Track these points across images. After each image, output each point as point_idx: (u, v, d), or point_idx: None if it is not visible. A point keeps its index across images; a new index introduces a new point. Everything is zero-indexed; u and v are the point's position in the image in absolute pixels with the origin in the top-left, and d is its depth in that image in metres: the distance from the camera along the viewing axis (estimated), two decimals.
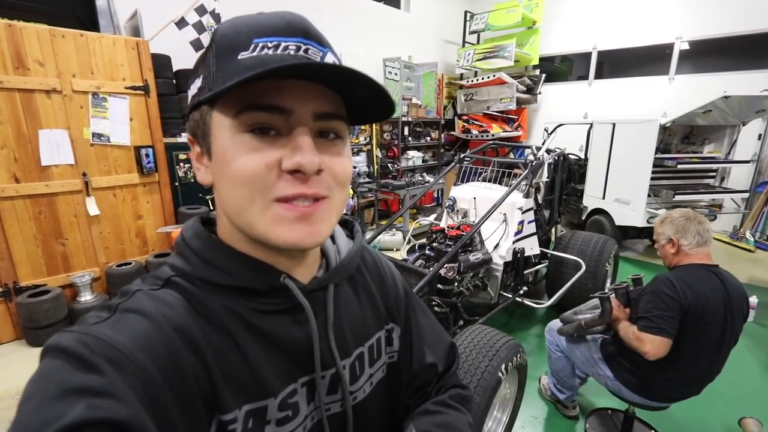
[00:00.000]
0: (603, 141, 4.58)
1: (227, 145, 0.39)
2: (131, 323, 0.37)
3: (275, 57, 0.37)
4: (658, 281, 1.57)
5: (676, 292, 1.49)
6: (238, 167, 0.38)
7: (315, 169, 0.39)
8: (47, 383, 0.31)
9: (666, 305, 1.48)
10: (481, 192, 3.05)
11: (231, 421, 0.39)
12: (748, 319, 1.63)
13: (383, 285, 0.60)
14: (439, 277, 2.34)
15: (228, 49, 0.38)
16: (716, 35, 5.37)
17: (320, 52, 0.40)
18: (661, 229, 1.67)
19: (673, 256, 1.64)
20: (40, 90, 2.69)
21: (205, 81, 0.40)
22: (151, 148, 3.25)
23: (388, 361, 0.57)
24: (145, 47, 3.12)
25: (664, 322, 1.47)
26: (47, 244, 2.86)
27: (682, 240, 1.59)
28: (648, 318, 1.50)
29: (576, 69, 6.94)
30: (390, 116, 0.44)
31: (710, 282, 1.53)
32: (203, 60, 0.41)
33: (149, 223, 3.38)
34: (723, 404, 2.22)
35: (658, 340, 1.47)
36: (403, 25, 6.35)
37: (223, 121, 0.39)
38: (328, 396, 0.48)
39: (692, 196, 4.18)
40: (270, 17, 0.39)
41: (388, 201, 5.75)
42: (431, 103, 6.41)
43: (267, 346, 0.43)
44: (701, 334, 1.50)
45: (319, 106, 0.40)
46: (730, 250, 5.03)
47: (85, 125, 2.91)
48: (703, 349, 1.53)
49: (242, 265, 0.43)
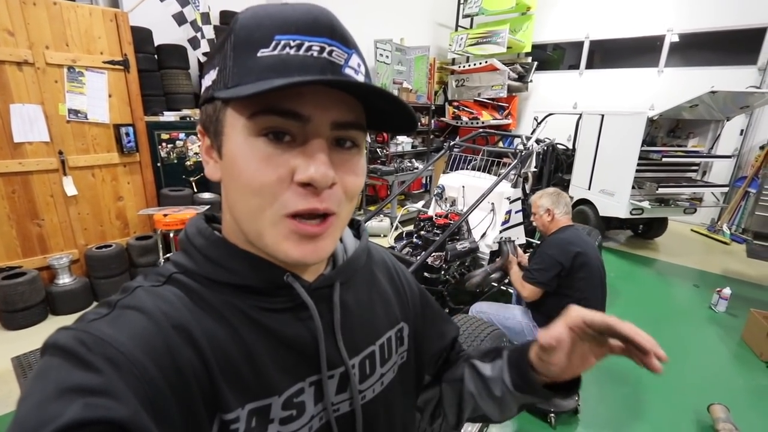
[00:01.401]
0: (591, 132, 4.61)
1: (240, 148, 0.38)
2: (130, 320, 0.36)
3: (297, 59, 0.36)
4: (545, 244, 2.05)
5: (558, 253, 1.94)
6: (250, 177, 0.37)
7: (328, 183, 0.38)
8: (45, 382, 0.31)
9: (545, 263, 1.96)
10: (470, 181, 3.04)
11: (233, 421, 0.39)
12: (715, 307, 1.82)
13: (394, 284, 0.60)
14: (425, 265, 2.35)
15: (247, 43, 0.36)
16: (706, 29, 5.40)
17: (345, 54, 0.38)
18: (540, 202, 2.11)
19: (549, 224, 2.09)
20: (11, 62, 2.53)
21: (221, 75, 0.38)
22: (132, 127, 3.12)
23: (400, 362, 0.57)
24: (124, 19, 2.97)
25: (540, 275, 1.97)
26: (22, 224, 2.76)
27: (555, 209, 2.07)
28: (530, 270, 2.03)
29: (568, 58, 6.93)
30: (412, 132, 0.43)
31: (579, 235, 2.05)
32: (220, 50, 0.39)
33: (130, 204, 3.28)
34: (693, 391, 2.32)
35: (531, 288, 2.01)
36: (396, 6, 6.19)
37: (237, 120, 0.37)
38: (338, 395, 0.48)
39: (675, 189, 4.28)
40: (295, 11, 0.37)
41: (376, 186, 5.72)
42: (422, 88, 6.33)
43: (272, 344, 0.43)
44: (595, 271, 1.96)
45: (338, 114, 0.38)
46: (707, 242, 5.20)
47: (60, 101, 2.77)
48: (599, 284, 1.99)
49: (246, 264, 0.43)
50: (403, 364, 0.58)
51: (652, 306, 3.43)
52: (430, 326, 0.64)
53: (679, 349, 2.78)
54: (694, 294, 3.67)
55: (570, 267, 1.93)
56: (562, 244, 1.97)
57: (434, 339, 0.64)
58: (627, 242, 5.04)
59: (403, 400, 0.58)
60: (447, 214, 2.84)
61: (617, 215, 4.28)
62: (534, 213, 2.16)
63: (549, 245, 2.02)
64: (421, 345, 0.61)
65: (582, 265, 1.93)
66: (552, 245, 2.00)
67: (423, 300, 0.65)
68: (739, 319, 3.08)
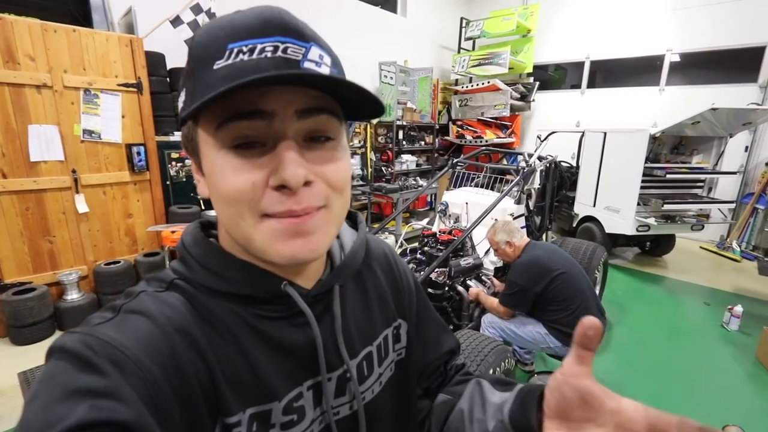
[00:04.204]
0: (594, 149, 4.63)
1: (214, 163, 0.38)
2: (134, 324, 0.37)
3: (251, 63, 0.35)
4: (513, 271, 2.18)
5: (526, 280, 2.08)
6: (225, 186, 0.38)
7: (300, 182, 0.37)
8: (51, 385, 0.31)
9: (515, 291, 2.13)
10: (474, 197, 3.07)
11: (235, 424, 0.39)
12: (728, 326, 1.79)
13: (394, 279, 0.59)
14: (429, 282, 2.35)
15: (204, 59, 0.36)
16: (706, 48, 5.48)
17: (301, 49, 0.37)
18: (497, 238, 2.25)
19: (512, 252, 2.22)
20: (31, 85, 2.65)
21: (188, 95, 0.38)
22: (143, 146, 3.22)
23: (397, 359, 0.56)
24: (139, 44, 3.10)
25: (510, 299, 2.16)
26: (34, 241, 2.82)
27: (513, 238, 2.22)
28: (504, 295, 2.19)
29: (569, 78, 7.03)
30: (380, 115, 0.42)
31: (539, 250, 2.19)
32: (184, 69, 0.40)
33: (139, 221, 3.34)
34: (707, 412, 2.25)
35: (505, 310, 2.20)
36: (400, 30, 6.39)
37: (208, 137, 0.38)
38: (336, 399, 0.48)
39: (680, 205, 4.25)
40: (245, 16, 0.37)
41: (381, 204, 5.75)
42: (426, 108, 6.44)
43: (271, 349, 0.43)
44: (573, 280, 2.07)
45: (301, 102, 0.37)
46: (716, 259, 5.11)
47: (75, 121, 2.87)
48: (584, 286, 2.11)
49: (243, 273, 0.43)
50: (400, 361, 0.57)
51: (662, 324, 3.36)
52: (423, 331, 0.62)
53: (692, 369, 2.71)
54: (705, 312, 3.59)
55: (542, 288, 2.06)
56: (528, 268, 2.11)
57: (429, 346, 0.62)
58: (635, 260, 4.97)
59: (402, 397, 0.57)
60: (451, 230, 2.85)
61: (623, 232, 4.24)
62: (495, 249, 2.32)
63: (515, 272, 2.15)
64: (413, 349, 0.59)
65: (551, 280, 2.05)
66: (518, 272, 2.13)
67: (420, 304, 0.63)
68: (753, 338, 3.00)
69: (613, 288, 3.90)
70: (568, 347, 2.00)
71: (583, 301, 2.04)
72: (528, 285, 2.07)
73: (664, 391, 2.46)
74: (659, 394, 2.42)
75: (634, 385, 2.49)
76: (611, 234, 4.44)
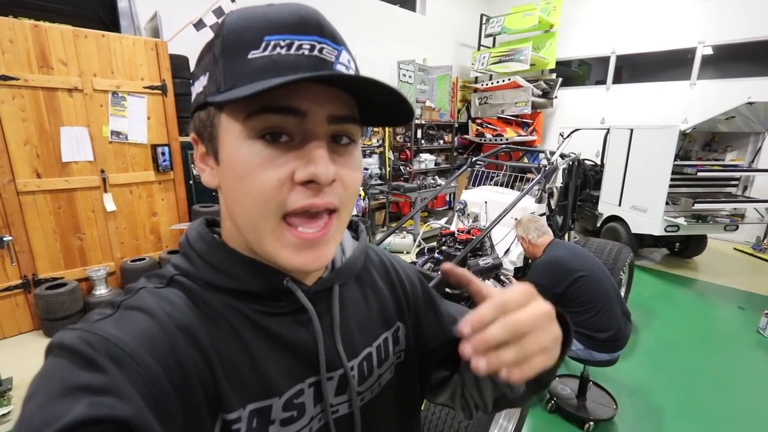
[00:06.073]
0: (620, 147, 4.48)
1: (238, 154, 0.37)
2: (134, 320, 0.37)
3: (288, 58, 0.35)
4: (533, 270, 2.10)
5: (547, 281, 1.98)
6: (251, 183, 0.37)
7: (330, 179, 0.37)
8: (50, 381, 0.31)
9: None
10: (493, 196, 3.01)
11: (235, 421, 0.39)
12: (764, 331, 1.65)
13: (392, 283, 0.59)
14: (446, 282, 2.32)
15: (237, 46, 0.36)
16: (740, 40, 5.22)
17: (335, 51, 0.38)
18: (516, 232, 2.23)
19: (531, 249, 2.16)
20: (63, 88, 2.77)
21: (212, 79, 0.38)
22: (167, 147, 3.31)
23: (397, 362, 0.56)
24: (163, 48, 3.19)
25: None
26: (65, 238, 2.94)
27: (528, 235, 2.14)
28: None
29: (594, 73, 6.83)
30: (408, 122, 0.42)
31: (561, 250, 2.08)
32: (207, 53, 0.39)
33: (163, 220, 3.44)
34: (742, 422, 2.15)
35: None
36: (419, 28, 6.35)
37: (233, 125, 0.37)
38: (336, 397, 0.48)
39: (713, 204, 4.06)
40: (282, 11, 0.37)
41: (399, 203, 5.74)
42: (445, 106, 6.38)
43: (273, 346, 0.43)
44: (596, 281, 1.97)
45: (334, 108, 0.38)
46: (752, 261, 4.86)
47: (104, 123, 2.98)
48: (609, 288, 2.00)
49: (246, 269, 0.43)
50: (400, 364, 0.57)
51: (692, 329, 3.22)
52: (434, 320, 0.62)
53: (725, 376, 2.59)
54: (740, 317, 3.42)
55: (563, 290, 1.99)
56: (548, 269, 2.05)
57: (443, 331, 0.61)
58: (663, 261, 4.78)
59: (402, 400, 0.57)
60: (469, 229, 2.81)
61: (651, 232, 4.09)
62: (519, 240, 2.29)
63: (535, 271, 2.10)
64: (425, 341, 0.59)
65: (572, 282, 1.98)
66: (538, 272, 2.07)
67: (426, 298, 0.63)
68: None
69: (640, 290, 3.76)
70: (590, 350, 1.97)
71: (606, 304, 1.98)
72: (548, 286, 2.02)
73: (694, 399, 2.36)
74: (688, 402, 2.32)
75: (662, 391, 2.39)
76: (637, 234, 4.29)
